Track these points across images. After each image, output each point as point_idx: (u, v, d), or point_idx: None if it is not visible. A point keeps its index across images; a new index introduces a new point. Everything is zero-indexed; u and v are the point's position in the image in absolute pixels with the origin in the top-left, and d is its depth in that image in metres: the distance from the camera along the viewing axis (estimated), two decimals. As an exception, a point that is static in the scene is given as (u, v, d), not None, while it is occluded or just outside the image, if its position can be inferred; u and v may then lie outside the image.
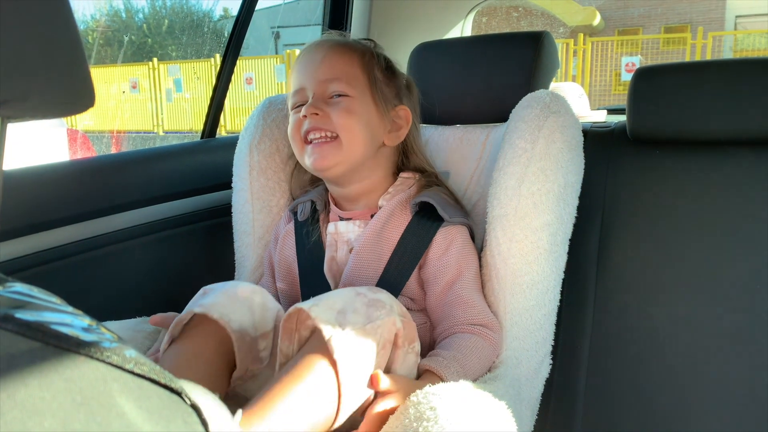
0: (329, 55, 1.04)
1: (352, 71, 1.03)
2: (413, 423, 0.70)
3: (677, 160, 1.23)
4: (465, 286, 1.00)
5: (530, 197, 1.01)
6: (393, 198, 1.06)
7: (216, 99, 1.52)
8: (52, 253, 1.11)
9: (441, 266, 1.00)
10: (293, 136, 1.05)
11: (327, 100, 1.01)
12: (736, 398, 1.13)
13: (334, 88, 1.01)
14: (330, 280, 1.04)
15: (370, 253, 1.02)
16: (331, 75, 1.02)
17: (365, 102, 1.03)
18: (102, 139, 8.28)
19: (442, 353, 0.90)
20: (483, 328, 0.97)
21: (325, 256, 1.06)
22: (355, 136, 1.01)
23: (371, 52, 1.07)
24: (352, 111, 1.01)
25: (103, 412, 0.31)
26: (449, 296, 0.99)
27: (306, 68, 1.04)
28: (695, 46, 10.32)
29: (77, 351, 0.33)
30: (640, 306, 1.21)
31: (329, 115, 1.00)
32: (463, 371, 0.88)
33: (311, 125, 1.01)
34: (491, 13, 8.46)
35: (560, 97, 1.09)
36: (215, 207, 1.41)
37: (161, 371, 0.36)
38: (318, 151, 1.01)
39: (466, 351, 0.92)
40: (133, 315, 1.06)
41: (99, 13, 11.94)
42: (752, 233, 1.15)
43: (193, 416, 0.37)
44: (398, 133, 1.08)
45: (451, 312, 0.98)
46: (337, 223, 1.08)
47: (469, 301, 0.98)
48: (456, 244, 1.01)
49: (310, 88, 1.03)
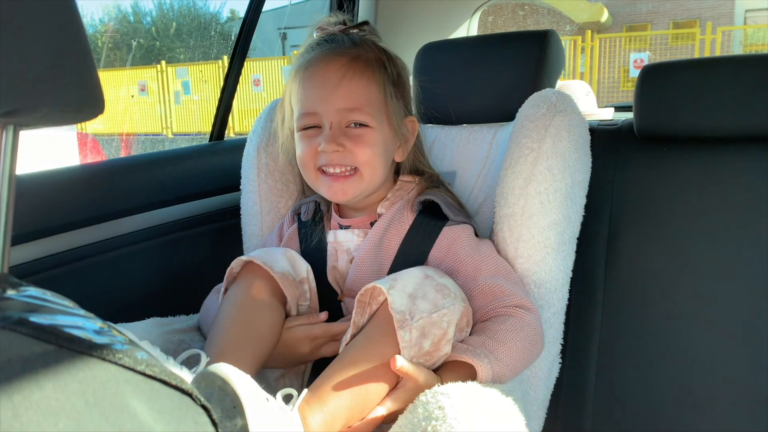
0: (347, 77, 0.96)
1: (370, 95, 0.98)
2: (422, 422, 0.70)
3: (685, 157, 1.22)
4: (487, 275, 0.96)
5: (537, 196, 1.01)
6: (392, 205, 1.04)
7: (224, 101, 1.53)
8: (65, 256, 1.12)
9: (453, 264, 0.97)
10: (306, 164, 1.01)
11: (344, 130, 0.97)
12: (745, 397, 1.12)
13: (354, 117, 0.96)
14: (335, 287, 1.04)
15: (370, 263, 1.01)
16: (351, 104, 0.96)
17: (383, 128, 0.99)
18: (111, 142, 8.33)
19: (473, 338, 0.88)
20: (517, 308, 0.92)
21: (327, 265, 1.05)
22: (375, 169, 0.99)
23: (382, 58, 1.01)
24: (373, 144, 0.97)
25: (115, 412, 0.32)
26: (473, 289, 0.95)
27: (320, 92, 0.97)
28: (704, 41, 10.24)
29: (90, 353, 0.33)
30: (649, 304, 1.20)
31: (350, 150, 0.96)
32: (497, 357, 0.85)
33: (330, 161, 0.97)
34: (497, 11, 8.43)
35: (567, 95, 1.09)
36: (224, 209, 1.42)
37: (172, 373, 0.37)
38: (338, 186, 0.98)
39: (502, 336, 0.88)
40: (144, 316, 1.07)
41: (107, 17, 12.03)
42: (762, 230, 1.14)
43: (203, 416, 0.38)
44: (407, 145, 1.06)
45: (478, 303, 0.94)
46: (337, 232, 1.06)
47: (495, 287, 0.94)
48: (462, 241, 0.98)
49: (326, 117, 0.97)
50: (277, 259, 0.97)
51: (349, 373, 0.78)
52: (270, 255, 0.98)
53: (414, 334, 0.80)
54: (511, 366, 0.87)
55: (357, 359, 0.80)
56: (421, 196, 1.02)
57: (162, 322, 1.06)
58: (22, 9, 0.35)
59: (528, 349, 0.91)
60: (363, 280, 1.00)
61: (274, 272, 0.94)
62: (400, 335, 0.79)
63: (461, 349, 0.85)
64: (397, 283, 0.83)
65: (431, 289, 0.84)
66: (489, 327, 0.90)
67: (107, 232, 1.20)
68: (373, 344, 0.82)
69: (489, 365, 0.83)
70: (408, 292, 0.82)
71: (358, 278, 1.01)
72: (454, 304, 0.84)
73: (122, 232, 1.23)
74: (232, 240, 1.30)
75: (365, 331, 0.84)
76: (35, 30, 0.37)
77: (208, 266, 1.40)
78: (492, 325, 0.90)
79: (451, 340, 0.84)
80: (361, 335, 0.84)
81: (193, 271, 1.36)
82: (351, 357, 0.81)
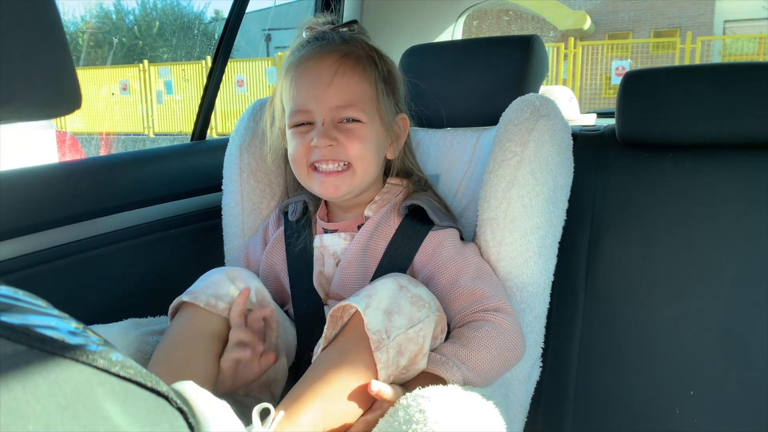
0: (339, 74, 0.96)
1: (362, 92, 0.98)
2: (402, 425, 0.70)
3: (666, 162, 1.23)
4: (467, 279, 0.96)
5: (520, 200, 1.01)
6: (380, 208, 1.04)
7: (206, 101, 1.52)
8: (40, 255, 1.10)
9: (435, 268, 0.97)
10: (298, 161, 1.00)
11: (337, 125, 0.97)
12: (726, 399, 1.13)
13: (347, 114, 0.97)
14: (320, 291, 1.03)
15: (356, 267, 1.01)
16: (343, 101, 0.96)
17: (374, 124, 1.00)
18: (91, 141, 8.23)
19: (446, 347, 0.87)
20: (495, 312, 0.92)
21: (314, 270, 1.04)
22: (368, 164, 0.99)
23: (372, 56, 1.02)
24: (365, 138, 0.98)
25: (88, 415, 0.31)
26: (452, 293, 0.95)
27: (312, 89, 0.97)
28: (684, 50, 10.41)
29: (62, 354, 0.32)
30: (630, 308, 1.21)
31: (342, 144, 0.96)
32: (470, 366, 0.85)
33: (324, 156, 0.97)
34: (482, 16, 8.49)
35: (550, 100, 1.10)
36: (205, 209, 1.40)
37: (148, 374, 0.36)
38: (331, 182, 0.98)
39: (476, 344, 0.87)
40: (121, 318, 1.06)
41: (89, 15, 11.89)
42: (739, 235, 1.15)
43: (179, 419, 0.37)
44: (398, 142, 1.07)
45: (455, 306, 0.94)
46: (323, 236, 1.05)
47: (475, 290, 0.94)
48: (446, 244, 0.99)
49: (319, 114, 0.97)
50: (225, 285, 0.94)
51: (324, 392, 0.76)
52: (217, 285, 0.94)
53: (391, 353, 0.79)
54: (484, 374, 0.87)
55: (331, 379, 0.77)
56: (408, 200, 1.02)
57: (140, 323, 1.04)
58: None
59: (504, 355, 0.90)
60: (348, 284, 1.00)
61: (220, 311, 0.91)
62: (377, 356, 0.78)
63: (434, 361, 0.84)
64: (372, 300, 0.81)
65: (406, 302, 0.82)
66: (464, 334, 0.89)
67: (85, 231, 1.18)
68: (348, 363, 0.79)
69: (460, 376, 0.83)
70: (383, 308, 0.80)
71: (344, 282, 1.00)
72: (428, 316, 0.83)
73: (101, 231, 1.21)
74: (213, 241, 1.28)
75: (339, 348, 0.81)
76: (9, 20, 0.36)
77: (188, 267, 1.38)
78: (467, 331, 0.89)
79: (427, 354, 0.83)
80: (334, 352, 0.81)
81: (172, 272, 1.35)
82: (325, 376, 0.77)
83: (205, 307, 0.90)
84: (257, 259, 1.12)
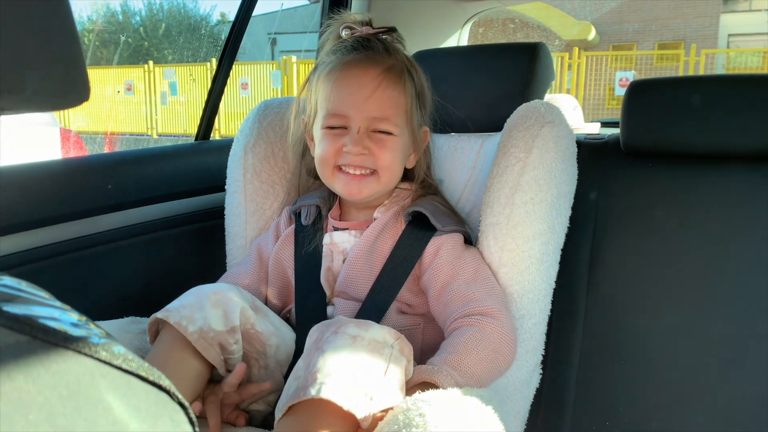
0: (382, 87, 0.99)
1: (398, 106, 1.01)
2: (402, 430, 0.69)
3: (669, 172, 1.23)
4: (462, 282, 0.97)
5: (523, 206, 1.01)
6: (388, 210, 1.06)
7: (211, 101, 1.52)
8: (41, 251, 1.10)
9: (433, 272, 0.99)
10: (326, 161, 1.02)
11: (370, 134, 1.00)
12: (726, 410, 1.13)
13: (382, 126, 1.00)
14: (326, 287, 1.04)
15: (363, 263, 1.02)
16: (381, 114, 0.99)
17: (404, 136, 1.03)
18: (95, 140, 8.24)
19: (435, 359, 0.87)
20: (481, 317, 0.92)
21: (322, 266, 1.06)
22: (392, 173, 1.03)
23: (411, 69, 1.04)
24: (395, 149, 1.01)
25: (89, 407, 0.31)
26: (445, 296, 0.97)
27: (353, 98, 0.99)
28: (688, 62, 10.43)
29: (65, 345, 0.32)
30: (631, 317, 1.21)
31: (373, 153, 0.99)
32: (460, 372, 0.85)
33: (353, 161, 0.99)
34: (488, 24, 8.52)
35: (555, 107, 1.10)
36: (208, 209, 1.40)
37: (150, 368, 0.36)
38: (355, 185, 1.01)
39: (461, 349, 0.87)
40: (121, 316, 1.06)
41: (96, 15, 11.94)
42: (742, 246, 1.15)
43: (180, 414, 0.37)
44: (418, 152, 1.09)
45: (447, 310, 0.96)
46: (332, 234, 1.08)
47: (467, 294, 0.95)
48: (446, 248, 1.00)
49: (355, 122, 0.99)
50: (202, 308, 0.89)
51: None
52: (193, 306, 0.89)
53: (374, 409, 0.74)
54: (476, 377, 0.87)
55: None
56: (411, 207, 1.03)
57: (139, 321, 1.04)
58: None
59: (492, 357, 0.90)
60: (355, 279, 1.01)
61: (188, 333, 0.86)
62: (362, 422, 0.72)
63: (426, 371, 0.83)
64: (329, 379, 0.72)
65: (365, 354, 0.77)
66: (449, 342, 0.90)
67: (87, 228, 1.18)
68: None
69: (453, 381, 0.83)
70: (346, 379, 0.73)
71: (350, 277, 1.02)
72: (391, 353, 0.80)
73: (102, 229, 1.21)
74: (216, 241, 1.28)
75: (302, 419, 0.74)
76: (22, 12, 0.36)
77: (189, 267, 1.39)
78: (452, 340, 0.91)
79: (404, 386, 0.81)
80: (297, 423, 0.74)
81: (174, 271, 1.35)
82: None
83: (174, 326, 0.87)
84: (269, 254, 1.13)
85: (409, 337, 0.99)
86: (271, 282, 1.11)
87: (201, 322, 0.87)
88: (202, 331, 0.87)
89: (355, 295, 1.02)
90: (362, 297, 1.00)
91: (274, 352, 0.94)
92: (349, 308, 1.01)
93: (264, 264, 1.13)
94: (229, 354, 0.89)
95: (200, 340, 0.87)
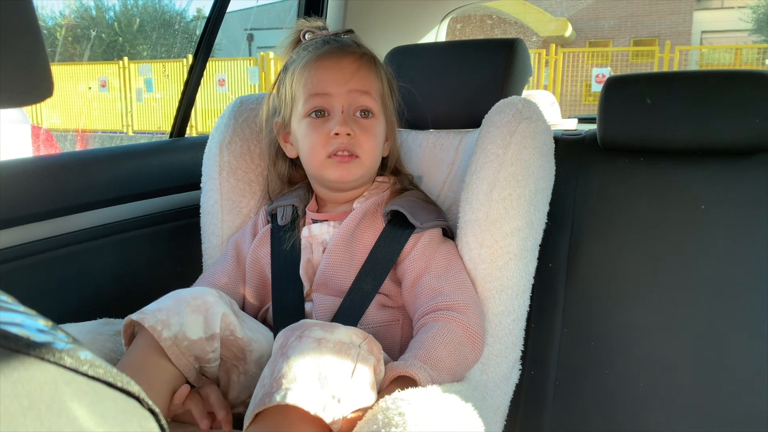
0: (360, 69, 1.04)
1: (377, 87, 1.06)
2: (381, 429, 0.69)
3: (646, 167, 1.24)
4: (433, 276, 0.98)
5: (501, 202, 1.01)
6: (366, 200, 1.07)
7: (186, 97, 1.50)
8: (11, 252, 1.07)
9: (408, 264, 1.00)
10: (318, 149, 1.03)
11: (353, 118, 1.03)
12: (704, 403, 1.14)
13: (364, 102, 1.03)
14: (305, 281, 1.04)
15: (343, 251, 1.02)
16: (363, 87, 1.03)
17: (381, 120, 1.07)
18: (67, 137, 8.09)
19: (405, 355, 0.87)
20: (448, 311, 0.93)
21: (301, 260, 1.05)
22: (373, 157, 1.06)
23: (377, 62, 1.09)
24: (375, 133, 1.05)
25: (52, 417, 0.30)
26: (416, 289, 0.98)
27: (333, 75, 1.02)
28: (663, 59, 10.58)
29: (27, 352, 0.31)
30: (608, 312, 1.22)
31: (358, 136, 1.02)
32: (432, 365, 0.85)
33: (343, 146, 1.01)
34: (466, 20, 8.55)
35: (533, 103, 1.10)
36: (183, 208, 1.38)
37: (118, 374, 0.35)
38: (345, 167, 1.02)
39: (429, 344, 0.88)
40: (95, 317, 1.03)
41: (68, 10, 11.72)
42: (717, 240, 1.17)
43: (150, 421, 0.35)
44: (390, 140, 1.13)
45: (417, 302, 0.97)
46: (311, 226, 1.07)
47: (436, 288, 0.96)
48: (423, 241, 1.01)
49: (338, 96, 1.02)
50: (179, 312, 0.87)
51: None
52: (170, 310, 0.87)
53: (343, 411, 0.72)
54: (447, 369, 0.87)
55: None
56: (389, 206, 1.03)
57: (113, 322, 1.02)
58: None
59: (458, 350, 0.90)
60: (335, 268, 1.01)
61: (162, 339, 0.85)
62: (331, 425, 0.71)
63: (399, 366, 0.83)
64: (295, 383, 0.71)
65: (331, 356, 0.75)
66: (417, 339, 0.91)
67: (59, 228, 1.16)
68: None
69: (427, 375, 0.82)
70: (312, 383, 0.72)
71: (331, 266, 1.02)
72: (359, 353, 0.78)
73: (75, 228, 1.18)
74: (191, 239, 1.26)
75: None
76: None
77: (165, 266, 1.36)
78: (419, 336, 0.91)
79: (375, 384, 0.80)
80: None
81: (149, 270, 1.32)
82: None
83: (149, 329, 0.85)
84: (246, 252, 1.12)
85: (389, 332, 0.98)
86: (248, 281, 1.09)
87: (176, 328, 0.86)
88: (177, 338, 0.85)
89: (334, 288, 1.01)
90: (342, 290, 1.00)
91: (255, 357, 0.93)
92: (328, 304, 1.00)
93: (241, 262, 1.11)
94: (205, 363, 0.88)
95: (173, 347, 0.85)
